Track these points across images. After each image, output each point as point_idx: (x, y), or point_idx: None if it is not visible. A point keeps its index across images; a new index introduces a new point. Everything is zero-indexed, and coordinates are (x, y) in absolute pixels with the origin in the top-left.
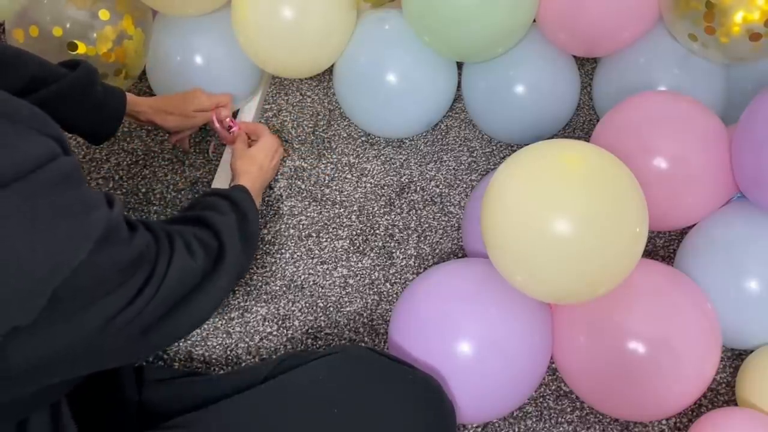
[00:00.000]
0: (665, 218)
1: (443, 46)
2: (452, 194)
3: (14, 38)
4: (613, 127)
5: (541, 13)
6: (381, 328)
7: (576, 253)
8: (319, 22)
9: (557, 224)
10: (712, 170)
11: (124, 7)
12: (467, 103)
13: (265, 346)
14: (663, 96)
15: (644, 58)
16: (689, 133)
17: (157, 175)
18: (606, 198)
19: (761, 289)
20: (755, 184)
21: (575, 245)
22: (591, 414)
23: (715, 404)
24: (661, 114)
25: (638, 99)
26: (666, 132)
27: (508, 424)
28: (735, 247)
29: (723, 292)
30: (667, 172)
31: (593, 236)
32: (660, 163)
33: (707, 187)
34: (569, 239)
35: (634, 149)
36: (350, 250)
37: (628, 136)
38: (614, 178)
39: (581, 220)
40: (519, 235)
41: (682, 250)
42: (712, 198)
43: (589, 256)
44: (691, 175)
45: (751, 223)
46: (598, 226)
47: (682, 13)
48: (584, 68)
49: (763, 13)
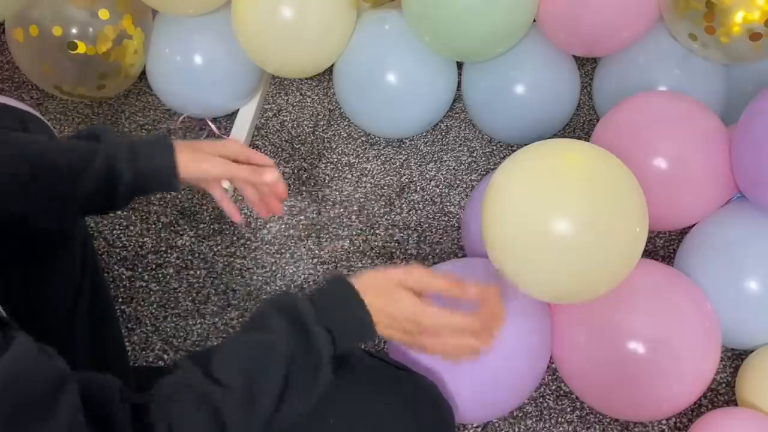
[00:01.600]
0: (665, 218)
1: (443, 46)
2: (452, 194)
3: (14, 38)
4: (612, 127)
5: (541, 13)
6: None
7: (575, 253)
8: (319, 22)
9: (557, 224)
10: (712, 170)
11: (124, 7)
12: (467, 103)
13: None
14: (662, 96)
15: (644, 58)
16: (689, 134)
17: None
18: (606, 198)
19: (760, 289)
20: (755, 184)
21: (575, 245)
22: (591, 414)
23: (715, 404)
24: (661, 114)
25: (637, 99)
26: (665, 132)
27: (508, 424)
28: (734, 247)
29: (723, 292)
30: (667, 173)
31: (593, 236)
32: (660, 163)
33: (707, 187)
34: (569, 239)
35: (633, 149)
36: (350, 250)
37: (628, 137)
38: (614, 178)
39: (581, 220)
40: (519, 234)
41: (681, 251)
42: (711, 198)
43: (589, 256)
44: (690, 176)
45: (750, 224)
46: (597, 226)
47: (682, 13)
48: (584, 68)
49: (763, 12)
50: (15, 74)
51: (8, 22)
